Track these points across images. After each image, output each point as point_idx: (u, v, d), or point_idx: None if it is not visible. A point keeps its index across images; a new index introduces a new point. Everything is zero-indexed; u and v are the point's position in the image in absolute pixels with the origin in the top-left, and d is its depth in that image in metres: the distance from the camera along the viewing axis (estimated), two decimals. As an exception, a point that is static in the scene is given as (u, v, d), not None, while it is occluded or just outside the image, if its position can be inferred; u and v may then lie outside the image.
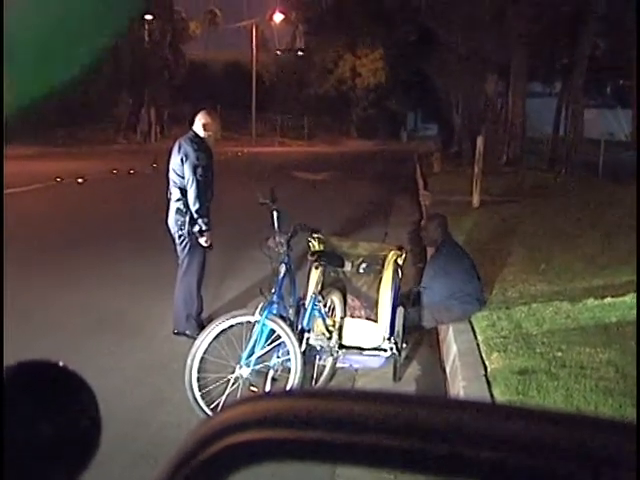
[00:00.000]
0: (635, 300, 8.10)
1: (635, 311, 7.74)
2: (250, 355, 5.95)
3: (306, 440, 0.74)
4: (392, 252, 7.02)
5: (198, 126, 7.85)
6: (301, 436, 0.74)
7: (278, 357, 6.13)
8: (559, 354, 6.47)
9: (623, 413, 5.20)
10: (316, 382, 6.52)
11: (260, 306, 5.98)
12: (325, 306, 6.74)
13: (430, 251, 9.38)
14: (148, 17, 56.33)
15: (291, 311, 6.57)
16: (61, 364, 1.10)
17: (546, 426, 0.68)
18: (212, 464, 0.78)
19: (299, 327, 6.35)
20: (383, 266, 6.99)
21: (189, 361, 5.82)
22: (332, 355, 6.65)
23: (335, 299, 6.95)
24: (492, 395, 5.70)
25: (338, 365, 6.85)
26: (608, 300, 8.20)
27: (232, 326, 6.02)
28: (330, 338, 6.62)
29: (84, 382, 1.09)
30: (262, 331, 5.96)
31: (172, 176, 7.78)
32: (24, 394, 1.01)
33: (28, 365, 1.06)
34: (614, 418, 0.68)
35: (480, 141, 18.70)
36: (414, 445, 0.69)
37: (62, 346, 7.12)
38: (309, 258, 6.80)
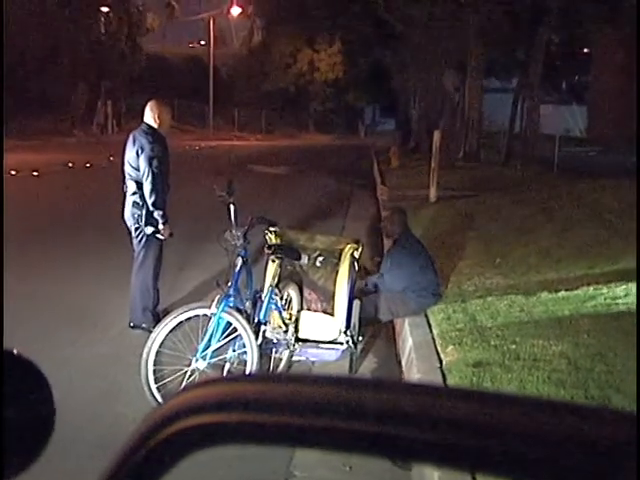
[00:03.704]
0: (589, 293, 8.24)
1: (588, 304, 7.88)
2: (206, 348, 5.96)
3: (262, 423, 0.75)
4: (349, 245, 7.02)
5: (149, 117, 7.78)
6: (257, 419, 0.75)
7: (234, 350, 6.13)
8: (513, 347, 6.54)
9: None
10: (272, 375, 6.53)
11: (216, 299, 5.98)
12: (282, 299, 6.76)
13: (387, 244, 9.43)
14: (104, 9, 55.75)
15: (248, 304, 6.56)
16: (15, 352, 1.10)
17: (499, 409, 0.70)
18: (167, 446, 0.78)
19: (255, 320, 6.35)
20: (340, 259, 7.00)
21: (145, 354, 5.80)
22: (288, 348, 6.67)
23: (292, 292, 6.97)
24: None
25: (294, 358, 6.87)
26: (562, 293, 8.30)
27: (188, 319, 6.02)
28: (286, 331, 6.63)
29: (38, 370, 1.10)
30: (218, 324, 5.97)
31: (127, 169, 7.72)
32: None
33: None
34: (562, 400, 0.70)
35: (437, 136, 18.71)
36: (369, 428, 0.70)
37: (20, 338, 7.04)
38: (266, 251, 6.80)
